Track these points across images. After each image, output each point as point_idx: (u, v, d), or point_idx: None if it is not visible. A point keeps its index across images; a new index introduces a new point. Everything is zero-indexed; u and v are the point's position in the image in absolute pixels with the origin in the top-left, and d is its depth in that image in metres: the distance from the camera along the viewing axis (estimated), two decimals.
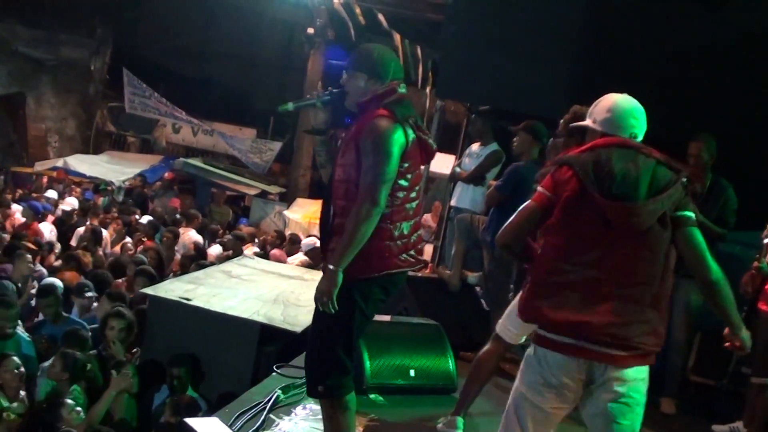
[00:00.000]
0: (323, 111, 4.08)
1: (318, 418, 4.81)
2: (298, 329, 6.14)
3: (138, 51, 23.26)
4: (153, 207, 15.97)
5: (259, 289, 7.21)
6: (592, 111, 3.64)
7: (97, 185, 17.58)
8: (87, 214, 13.50)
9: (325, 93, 4.06)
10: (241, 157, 20.22)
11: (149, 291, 6.94)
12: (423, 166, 4.09)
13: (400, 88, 3.92)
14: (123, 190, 17.68)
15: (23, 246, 9.61)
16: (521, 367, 3.55)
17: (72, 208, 13.62)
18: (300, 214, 16.43)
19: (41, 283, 8.05)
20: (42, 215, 13.09)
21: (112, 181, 17.81)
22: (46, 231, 11.99)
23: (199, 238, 13.04)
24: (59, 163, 18.73)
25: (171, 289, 6.78)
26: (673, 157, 3.44)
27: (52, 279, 8.42)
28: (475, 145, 7.77)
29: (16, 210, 12.97)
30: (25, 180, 18.52)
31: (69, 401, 5.76)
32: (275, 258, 11.05)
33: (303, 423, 4.85)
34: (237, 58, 23.52)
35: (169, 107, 20.19)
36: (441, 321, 6.12)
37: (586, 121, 3.67)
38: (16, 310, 6.98)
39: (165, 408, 5.82)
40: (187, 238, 12.47)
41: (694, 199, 3.44)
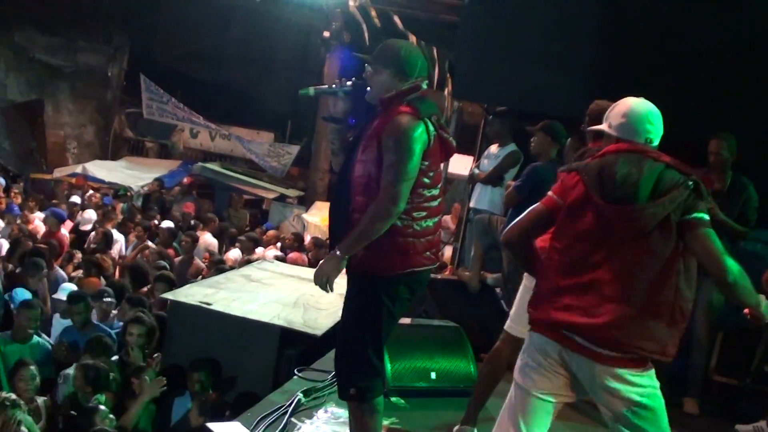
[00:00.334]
0: (343, 101, 4.08)
1: (340, 421, 4.82)
2: (318, 332, 6.14)
3: (154, 57, 23.33)
4: (172, 212, 16.00)
5: (279, 293, 7.22)
6: (608, 115, 3.64)
7: (116, 191, 17.66)
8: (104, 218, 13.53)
9: (348, 84, 4.05)
10: (259, 161, 20.24)
11: (169, 296, 6.97)
12: (442, 163, 4.08)
13: (423, 85, 3.91)
14: (141, 195, 17.75)
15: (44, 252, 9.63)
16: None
17: (91, 220, 13.59)
18: (319, 217, 16.42)
19: (72, 291, 8.06)
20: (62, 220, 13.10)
21: (130, 187, 17.89)
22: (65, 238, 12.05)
23: (215, 241, 13.09)
24: (78, 170, 18.79)
25: (191, 294, 6.80)
26: (690, 158, 3.44)
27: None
28: (494, 147, 7.74)
29: (36, 217, 13.00)
30: (44, 187, 18.61)
31: (102, 408, 5.80)
32: (292, 261, 11.08)
33: (325, 427, 4.85)
34: (253, 62, 23.54)
35: (187, 112, 20.23)
36: (461, 323, 6.11)
37: (602, 126, 3.67)
38: (37, 311, 7.02)
39: (191, 410, 5.85)
40: (202, 241, 12.54)
41: (714, 198, 3.44)
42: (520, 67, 7.54)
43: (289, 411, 5.00)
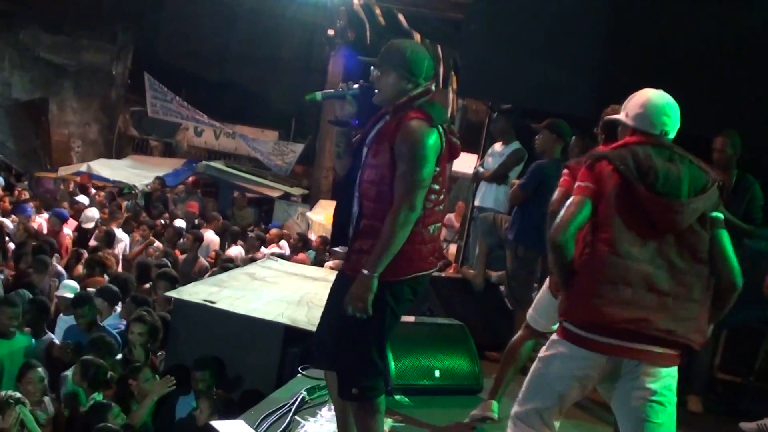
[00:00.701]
0: (351, 104, 4.02)
1: None
2: None
3: (159, 55, 23.32)
4: (173, 210, 16.00)
5: (283, 291, 7.21)
6: (626, 105, 3.64)
7: (121, 189, 17.65)
8: (110, 218, 13.52)
9: (355, 87, 4.01)
10: (263, 160, 20.25)
11: (173, 294, 6.97)
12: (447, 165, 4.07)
13: (432, 87, 3.90)
14: (143, 194, 17.75)
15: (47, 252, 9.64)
16: (545, 353, 3.56)
17: (93, 218, 13.57)
18: (323, 215, 16.40)
19: (77, 293, 8.05)
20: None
21: (135, 185, 17.89)
22: (68, 237, 12.08)
23: (217, 238, 13.10)
24: (83, 168, 18.79)
25: (195, 292, 6.80)
26: (695, 155, 3.46)
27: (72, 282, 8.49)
28: (498, 145, 7.73)
29: (40, 220, 12.98)
30: (48, 185, 18.62)
31: (114, 406, 5.80)
32: (299, 263, 11.06)
33: (328, 424, 4.84)
34: (257, 60, 23.51)
35: (191, 110, 20.25)
36: (465, 321, 6.11)
37: (620, 115, 3.66)
38: (18, 309, 6.93)
39: (197, 409, 5.85)
40: (206, 239, 12.52)
41: (720, 195, 3.44)
42: (525, 66, 7.54)
43: (293, 409, 5.00)
